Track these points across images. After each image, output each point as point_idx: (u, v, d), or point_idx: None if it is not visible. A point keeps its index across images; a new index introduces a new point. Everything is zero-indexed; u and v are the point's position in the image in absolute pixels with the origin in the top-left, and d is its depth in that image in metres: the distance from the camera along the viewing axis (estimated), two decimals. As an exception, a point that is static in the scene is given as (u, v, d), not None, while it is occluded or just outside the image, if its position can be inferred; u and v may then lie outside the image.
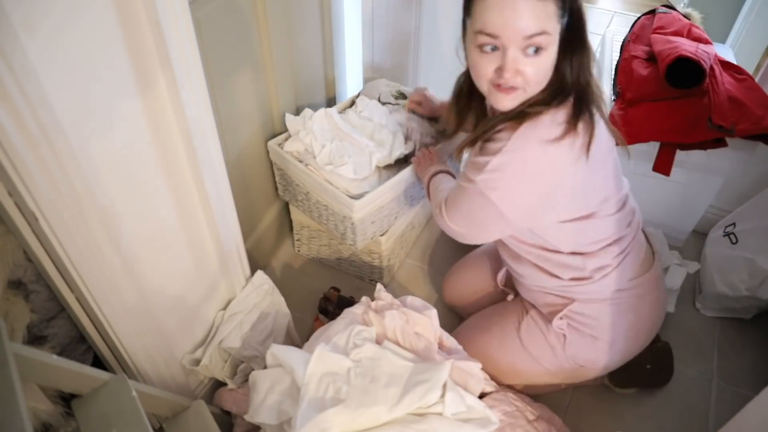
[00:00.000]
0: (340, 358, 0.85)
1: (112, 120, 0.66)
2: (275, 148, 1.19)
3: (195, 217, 0.87)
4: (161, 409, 0.80)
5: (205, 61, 0.75)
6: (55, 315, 0.75)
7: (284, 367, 0.85)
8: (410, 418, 0.81)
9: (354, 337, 0.89)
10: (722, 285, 1.26)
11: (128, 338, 0.78)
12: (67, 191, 0.61)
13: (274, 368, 0.87)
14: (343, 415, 0.77)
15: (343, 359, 0.85)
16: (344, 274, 1.39)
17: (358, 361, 0.86)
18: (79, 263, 0.66)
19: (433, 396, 0.82)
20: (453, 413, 0.82)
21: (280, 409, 0.81)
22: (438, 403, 0.83)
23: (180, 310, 0.92)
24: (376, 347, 0.89)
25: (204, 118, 0.78)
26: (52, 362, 0.59)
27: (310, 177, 1.14)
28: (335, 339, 0.90)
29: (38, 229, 0.63)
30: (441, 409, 0.82)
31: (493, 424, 0.83)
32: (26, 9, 0.51)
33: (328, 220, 1.21)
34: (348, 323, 0.94)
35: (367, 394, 0.81)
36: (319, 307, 1.25)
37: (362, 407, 0.78)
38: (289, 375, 0.84)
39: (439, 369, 0.84)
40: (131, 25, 0.63)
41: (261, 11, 1.03)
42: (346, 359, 0.85)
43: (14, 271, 0.68)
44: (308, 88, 1.30)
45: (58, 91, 0.57)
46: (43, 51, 0.54)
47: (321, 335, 0.94)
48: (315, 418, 0.76)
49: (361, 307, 0.99)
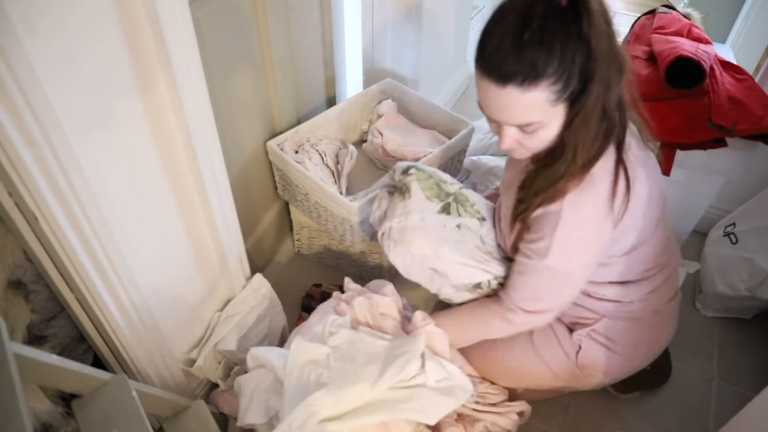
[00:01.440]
0: (317, 346, 0.86)
1: (112, 120, 0.66)
2: (274, 148, 1.19)
3: (195, 217, 0.87)
4: (161, 409, 0.80)
5: (205, 60, 0.75)
6: (55, 315, 0.75)
7: (266, 366, 0.86)
8: (397, 396, 0.83)
9: (329, 326, 0.91)
10: (722, 285, 1.26)
11: (128, 338, 0.78)
12: (66, 191, 0.61)
13: (257, 369, 0.88)
14: (328, 397, 0.78)
15: (321, 347, 0.86)
16: (344, 274, 1.39)
17: (335, 347, 0.87)
18: (79, 263, 0.66)
19: (413, 367, 0.84)
20: (436, 381, 0.85)
21: (267, 405, 0.83)
22: (420, 374, 0.84)
23: (180, 310, 0.92)
24: (352, 332, 0.90)
25: (204, 118, 0.78)
26: (53, 362, 0.59)
27: (309, 179, 1.14)
28: (312, 330, 0.91)
29: (38, 229, 0.63)
30: (423, 380, 0.84)
31: (468, 392, 0.86)
32: (25, 8, 0.51)
33: (327, 221, 1.21)
34: (322, 316, 0.95)
35: (348, 374, 0.82)
36: (302, 305, 1.26)
37: (345, 387, 0.80)
38: (272, 372, 0.85)
39: (415, 340, 0.87)
40: (131, 25, 0.63)
41: (261, 11, 1.03)
42: (323, 347, 0.86)
43: (14, 271, 0.68)
44: (308, 88, 1.30)
45: (58, 90, 0.57)
46: (42, 50, 0.54)
47: (298, 331, 0.95)
48: (301, 405, 0.77)
49: (333, 301, 1.00)
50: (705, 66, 1.18)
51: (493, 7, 0.70)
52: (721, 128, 1.15)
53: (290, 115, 1.27)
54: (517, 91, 0.67)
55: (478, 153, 1.55)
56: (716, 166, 1.26)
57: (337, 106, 1.34)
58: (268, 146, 1.20)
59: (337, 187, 1.23)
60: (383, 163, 1.39)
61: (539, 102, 0.68)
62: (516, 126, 0.73)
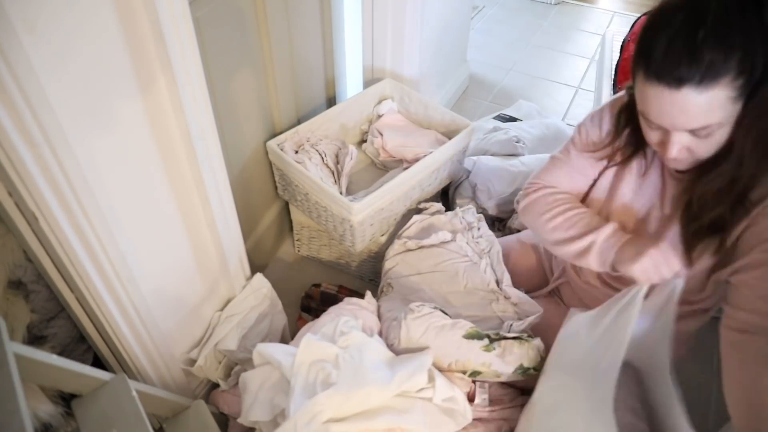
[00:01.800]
0: (327, 345, 0.85)
1: (112, 119, 0.66)
2: (275, 148, 1.19)
3: (195, 217, 0.87)
4: (161, 409, 0.80)
5: (205, 60, 0.75)
6: (55, 315, 0.75)
7: (272, 363, 0.85)
8: (402, 405, 0.82)
9: (341, 326, 0.90)
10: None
11: (128, 338, 0.77)
12: (66, 190, 0.61)
13: (262, 366, 0.87)
14: (336, 397, 0.78)
15: (331, 346, 0.85)
16: (344, 274, 1.39)
17: (345, 348, 0.86)
18: (79, 263, 0.66)
19: (421, 379, 0.83)
20: (443, 399, 0.84)
21: (273, 403, 0.82)
22: (427, 389, 0.84)
23: (180, 310, 0.92)
24: (363, 335, 0.89)
25: (204, 118, 0.78)
26: (53, 362, 0.59)
27: (309, 179, 1.14)
28: (322, 330, 0.90)
29: (38, 229, 0.63)
30: (431, 395, 0.83)
31: (467, 420, 0.85)
32: (24, 5, 0.51)
33: (327, 221, 1.21)
34: (335, 316, 0.95)
35: (357, 375, 0.81)
36: (302, 305, 1.25)
37: (354, 388, 0.79)
38: (278, 370, 0.85)
39: (423, 354, 0.86)
40: (131, 24, 0.63)
41: (261, 11, 1.03)
42: (333, 346, 0.85)
43: (14, 271, 0.68)
44: (308, 88, 1.30)
45: (58, 89, 0.57)
46: (41, 48, 0.54)
47: (307, 330, 0.94)
48: (307, 404, 0.76)
49: (352, 306, 1.00)
50: None
51: (651, 8, 0.65)
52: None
53: (290, 115, 1.27)
54: (695, 93, 0.61)
55: (478, 153, 1.55)
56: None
57: (337, 106, 1.34)
58: (268, 146, 1.20)
59: (337, 187, 1.23)
60: (383, 163, 1.38)
61: (719, 101, 0.61)
62: (689, 131, 0.66)
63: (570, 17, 2.65)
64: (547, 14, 2.65)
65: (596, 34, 2.51)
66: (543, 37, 2.46)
